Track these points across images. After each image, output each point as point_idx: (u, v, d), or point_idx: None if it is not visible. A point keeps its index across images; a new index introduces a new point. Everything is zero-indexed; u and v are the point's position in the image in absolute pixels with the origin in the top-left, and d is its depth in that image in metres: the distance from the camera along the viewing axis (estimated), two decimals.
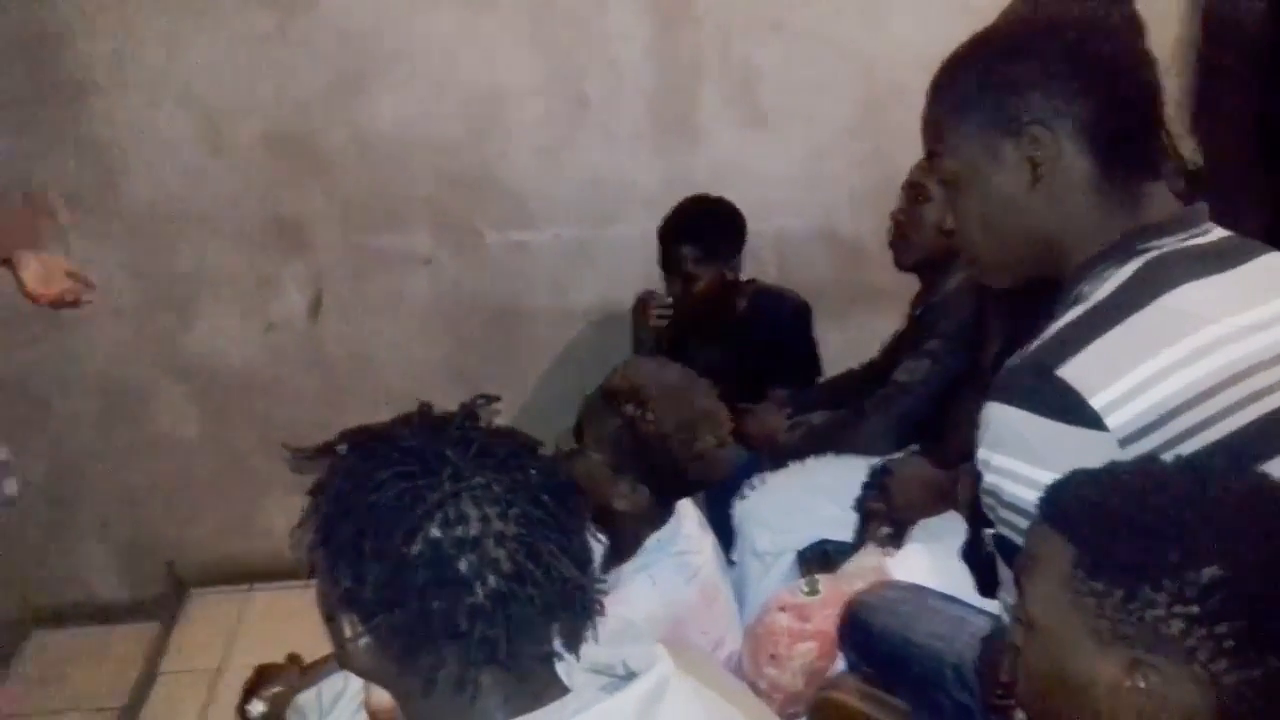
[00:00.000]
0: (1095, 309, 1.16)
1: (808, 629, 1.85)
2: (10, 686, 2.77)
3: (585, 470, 1.90)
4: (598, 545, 2.04)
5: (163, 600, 3.12)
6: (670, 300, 2.72)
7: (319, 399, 3.02)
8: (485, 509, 0.95)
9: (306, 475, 1.06)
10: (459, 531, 0.93)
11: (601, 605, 1.03)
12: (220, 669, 2.73)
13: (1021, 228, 1.24)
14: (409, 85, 2.91)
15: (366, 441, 1.03)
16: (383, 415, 1.07)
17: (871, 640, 1.71)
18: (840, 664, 1.83)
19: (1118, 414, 1.09)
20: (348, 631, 0.99)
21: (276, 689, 1.75)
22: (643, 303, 2.73)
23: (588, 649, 1.07)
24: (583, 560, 1.01)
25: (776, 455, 2.37)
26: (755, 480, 2.31)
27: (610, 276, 2.82)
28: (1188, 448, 1.09)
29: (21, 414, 2.67)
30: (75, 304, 2.35)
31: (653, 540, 1.89)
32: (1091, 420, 1.09)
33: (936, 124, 1.28)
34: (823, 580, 1.92)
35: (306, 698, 1.53)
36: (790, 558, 2.18)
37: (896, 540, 2.00)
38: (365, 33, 2.86)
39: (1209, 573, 0.91)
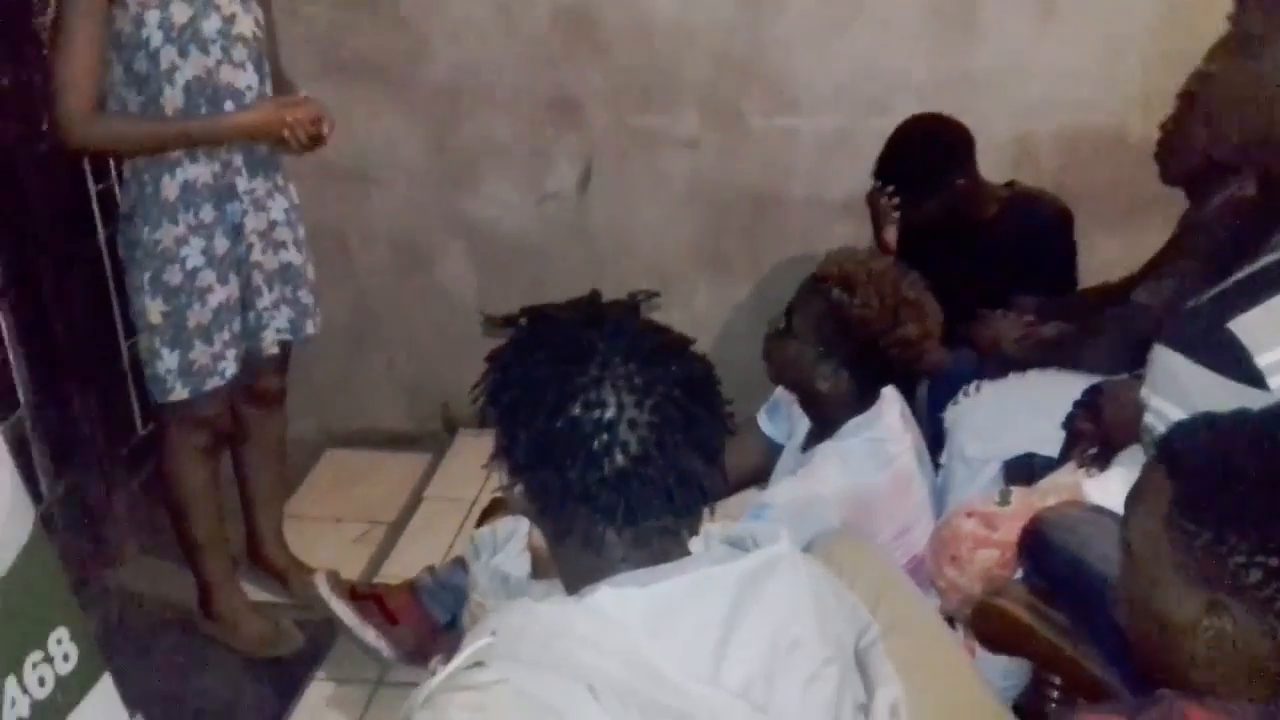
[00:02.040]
0: None
1: (993, 537, 1.85)
2: (303, 493, 3.16)
3: (791, 352, 1.99)
4: (802, 427, 2.13)
5: (436, 435, 3.42)
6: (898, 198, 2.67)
7: (582, 268, 3.17)
8: (623, 397, 1.06)
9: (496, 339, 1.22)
10: (596, 414, 1.05)
11: (718, 493, 1.13)
12: (476, 500, 2.99)
13: (1275, 122, 1.17)
14: None
15: (539, 319, 1.17)
16: (640, 286, 1.22)
17: (1047, 554, 1.70)
18: (1019, 576, 1.83)
19: None
20: (504, 479, 1.15)
21: (502, 516, 1.99)
22: (873, 199, 2.71)
23: (730, 525, 1.19)
24: (709, 452, 1.10)
25: (1000, 363, 2.33)
26: (971, 387, 2.28)
27: (871, 169, 2.79)
28: None
29: (331, 260, 3.00)
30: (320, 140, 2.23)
31: (851, 424, 1.96)
32: (1254, 378, 1.06)
33: None
34: (1016, 493, 1.90)
35: (483, 533, 1.71)
36: (996, 467, 2.16)
37: (1101, 462, 1.93)
38: None
39: None
